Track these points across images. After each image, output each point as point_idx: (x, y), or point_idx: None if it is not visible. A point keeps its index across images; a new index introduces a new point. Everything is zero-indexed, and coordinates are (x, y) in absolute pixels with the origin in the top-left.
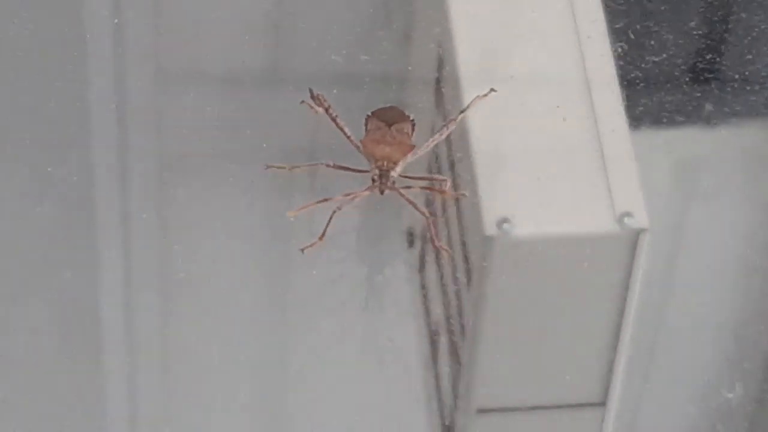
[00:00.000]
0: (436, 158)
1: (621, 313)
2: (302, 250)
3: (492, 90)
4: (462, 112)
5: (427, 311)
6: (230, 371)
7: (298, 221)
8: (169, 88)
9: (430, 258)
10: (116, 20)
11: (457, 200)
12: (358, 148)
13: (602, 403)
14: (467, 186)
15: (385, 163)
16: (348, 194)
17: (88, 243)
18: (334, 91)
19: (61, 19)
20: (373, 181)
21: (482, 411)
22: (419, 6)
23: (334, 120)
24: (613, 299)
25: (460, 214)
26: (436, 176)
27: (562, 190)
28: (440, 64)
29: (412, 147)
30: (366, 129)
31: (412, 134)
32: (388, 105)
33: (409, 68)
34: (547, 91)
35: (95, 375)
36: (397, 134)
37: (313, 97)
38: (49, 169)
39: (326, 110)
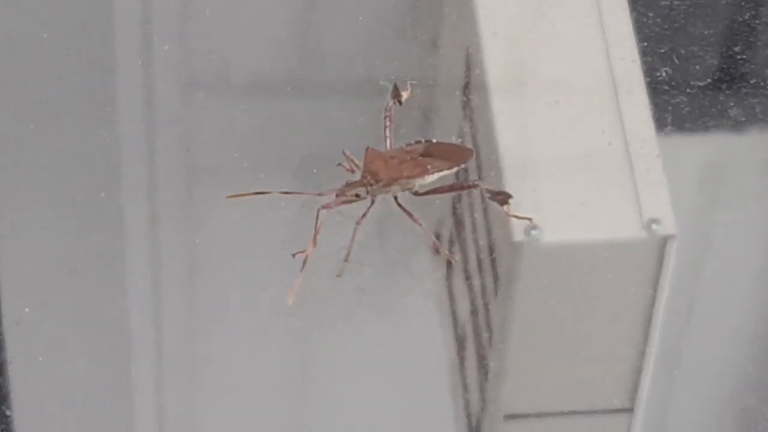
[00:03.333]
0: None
1: (649, 318)
2: (293, 255)
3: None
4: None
5: (454, 317)
6: (256, 379)
7: (328, 230)
8: (196, 98)
9: (457, 263)
10: (145, 35)
11: (484, 206)
12: (387, 143)
13: (630, 409)
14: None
15: (368, 177)
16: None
17: (116, 252)
18: (362, 98)
19: (90, 30)
20: (345, 184)
21: (510, 417)
22: (447, 12)
23: (384, 117)
24: (640, 305)
25: (487, 220)
26: (417, 219)
27: (589, 197)
28: (468, 70)
29: (401, 176)
30: (406, 144)
31: (433, 172)
32: (468, 147)
33: (437, 74)
34: (574, 97)
35: (123, 382)
36: (410, 162)
37: (397, 90)
38: (77, 179)
39: (388, 105)
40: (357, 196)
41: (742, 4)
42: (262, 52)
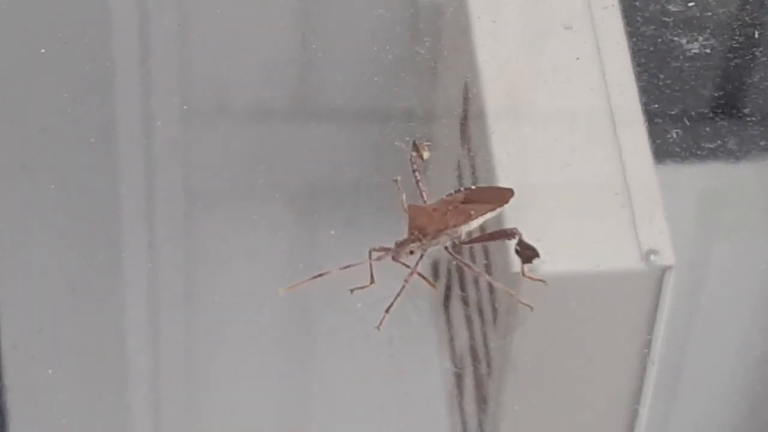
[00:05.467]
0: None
1: (647, 349)
2: (351, 290)
3: None
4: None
5: (453, 347)
6: (253, 405)
7: (326, 257)
8: (195, 123)
9: (455, 293)
10: (144, 61)
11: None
12: (422, 196)
13: None
14: (493, 222)
15: (416, 232)
16: (345, 266)
17: (114, 275)
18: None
19: (89, 57)
20: (396, 244)
21: None
22: (445, 42)
23: (413, 171)
24: (639, 336)
25: (486, 251)
26: (473, 267)
27: (588, 227)
28: (466, 100)
29: (447, 226)
30: (446, 195)
31: (477, 217)
32: (508, 188)
33: (436, 104)
34: (572, 127)
35: (120, 405)
36: (452, 211)
37: (417, 147)
38: (76, 205)
39: (412, 158)
40: (411, 253)
41: (751, 66)
42: (261, 78)
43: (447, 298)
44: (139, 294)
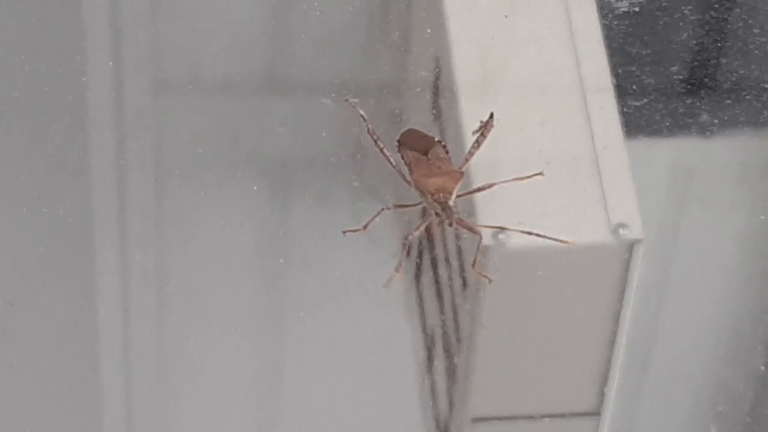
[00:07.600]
0: None
1: (616, 322)
2: (344, 232)
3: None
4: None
5: (423, 319)
6: (226, 379)
7: (297, 230)
8: (166, 96)
9: (426, 265)
10: (115, 33)
11: (455, 209)
12: (390, 162)
13: (597, 413)
14: (463, 196)
15: (442, 195)
16: (418, 228)
17: (85, 250)
18: (331, 100)
19: (59, 28)
20: (437, 215)
21: (477, 419)
22: (417, 15)
23: (375, 141)
24: (608, 309)
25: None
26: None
27: (557, 201)
28: (437, 73)
29: (462, 173)
30: (405, 161)
31: (448, 155)
32: (406, 129)
33: (407, 77)
34: (542, 100)
35: (91, 381)
36: (441, 163)
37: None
38: (47, 176)
39: (369, 130)
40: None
41: (680, 24)
42: (232, 51)
43: (418, 268)
44: (110, 266)
